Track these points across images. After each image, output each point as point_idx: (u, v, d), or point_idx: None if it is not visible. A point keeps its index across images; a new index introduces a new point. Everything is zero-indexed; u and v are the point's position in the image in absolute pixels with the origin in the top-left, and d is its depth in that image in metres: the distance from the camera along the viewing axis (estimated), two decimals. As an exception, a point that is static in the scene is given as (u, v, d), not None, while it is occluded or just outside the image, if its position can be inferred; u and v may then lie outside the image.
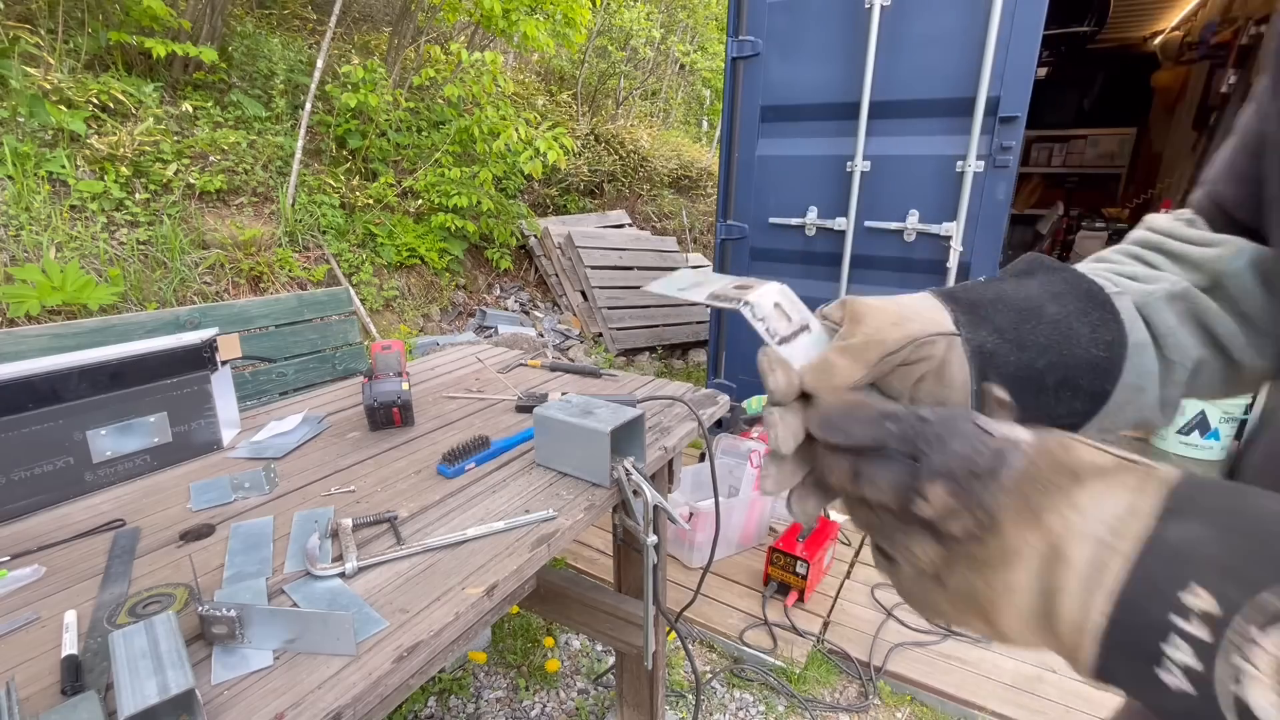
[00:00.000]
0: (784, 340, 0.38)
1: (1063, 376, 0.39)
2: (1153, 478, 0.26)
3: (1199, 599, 0.22)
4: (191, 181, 3.58)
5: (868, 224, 2.67)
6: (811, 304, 0.39)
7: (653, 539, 1.10)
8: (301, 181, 4.11)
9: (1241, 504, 0.24)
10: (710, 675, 1.90)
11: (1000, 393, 0.35)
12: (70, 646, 0.71)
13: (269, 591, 0.82)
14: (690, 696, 1.82)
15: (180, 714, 0.60)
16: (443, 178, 4.65)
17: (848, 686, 1.87)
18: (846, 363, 0.36)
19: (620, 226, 6.01)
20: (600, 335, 4.91)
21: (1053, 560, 0.26)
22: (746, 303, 0.37)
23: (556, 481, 1.13)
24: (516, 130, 4.42)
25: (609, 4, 7.23)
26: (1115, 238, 6.33)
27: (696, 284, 0.42)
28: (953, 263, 2.48)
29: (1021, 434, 0.29)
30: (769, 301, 0.38)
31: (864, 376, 0.36)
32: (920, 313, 0.38)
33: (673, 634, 1.90)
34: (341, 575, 0.84)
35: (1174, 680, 0.22)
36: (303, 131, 4.04)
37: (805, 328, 0.39)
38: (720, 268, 3.04)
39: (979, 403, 0.38)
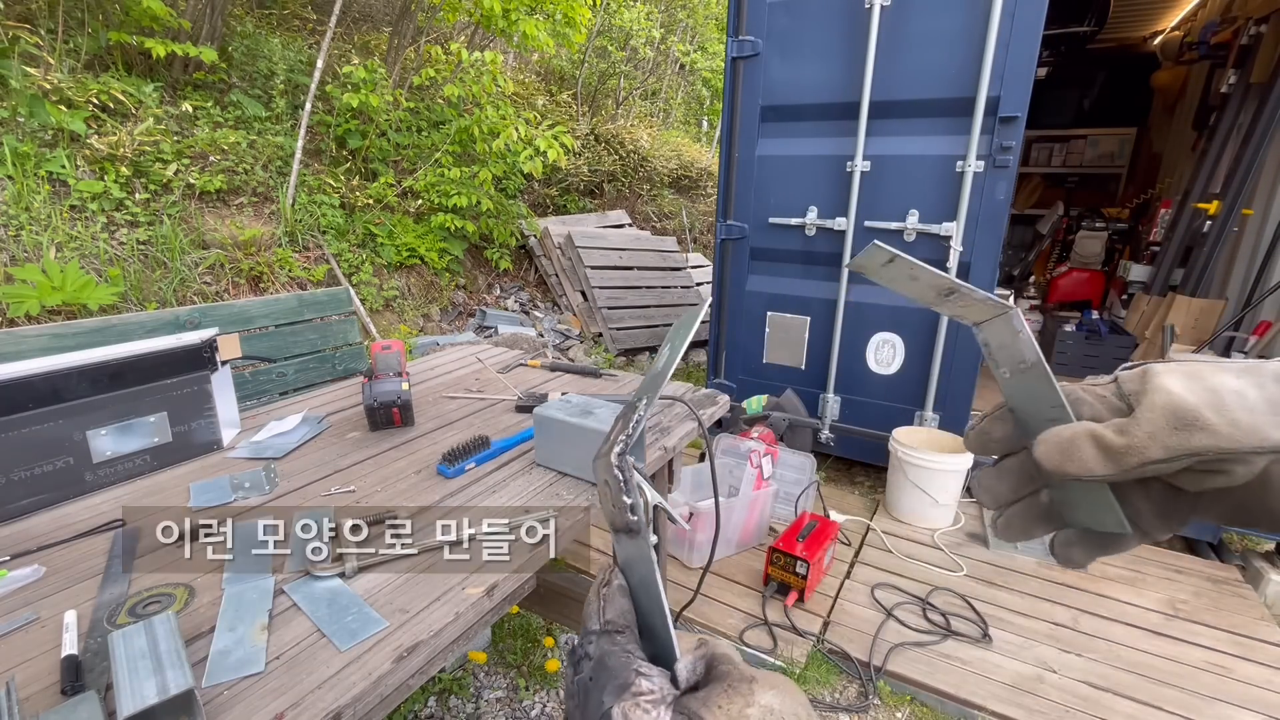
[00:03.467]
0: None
1: None
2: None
3: None
4: (191, 181, 3.58)
5: (867, 224, 2.67)
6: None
7: (653, 539, 1.10)
8: (301, 181, 4.11)
9: None
10: (710, 675, 1.90)
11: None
12: (70, 646, 0.71)
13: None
14: (690, 696, 1.82)
15: (180, 714, 0.60)
16: (443, 178, 4.65)
17: (848, 686, 1.87)
18: (1093, 455, 0.32)
19: (620, 226, 6.01)
20: (600, 335, 4.91)
21: None
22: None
23: (556, 481, 1.13)
24: (516, 130, 4.42)
25: (609, 4, 7.22)
26: (1115, 238, 6.32)
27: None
28: (953, 262, 2.49)
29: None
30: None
31: (1109, 475, 0.33)
32: (1235, 411, 0.30)
33: (673, 634, 1.90)
34: (341, 575, 0.84)
35: None
36: (303, 131, 4.04)
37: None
38: (720, 267, 3.04)
39: None
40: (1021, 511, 0.38)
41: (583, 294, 5.07)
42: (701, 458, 2.96)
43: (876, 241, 0.35)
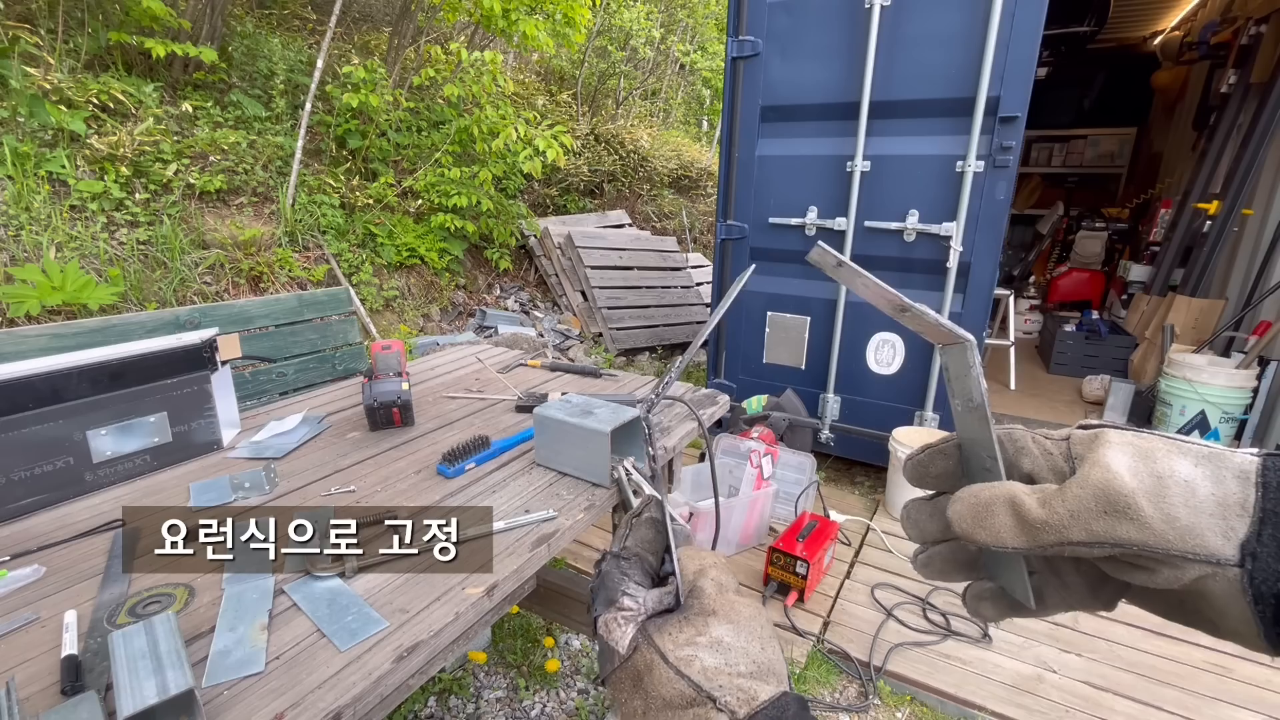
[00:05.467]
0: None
1: None
2: None
3: None
4: (191, 181, 3.58)
5: (867, 224, 2.67)
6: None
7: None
8: (301, 181, 4.11)
9: None
10: (710, 675, 1.90)
11: None
12: (70, 646, 0.71)
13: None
14: (690, 696, 1.82)
15: (180, 714, 0.60)
16: (443, 178, 4.65)
17: (848, 686, 1.87)
18: (1007, 525, 0.30)
19: (620, 226, 6.01)
20: (600, 335, 4.91)
21: None
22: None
23: (556, 481, 1.13)
24: (516, 129, 4.41)
25: (609, 4, 7.22)
26: (1115, 238, 6.32)
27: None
28: (953, 263, 2.49)
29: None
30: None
31: (1021, 549, 0.30)
32: (1175, 506, 0.27)
33: (673, 634, 1.90)
34: (341, 575, 0.84)
35: None
36: (303, 131, 4.04)
37: None
38: (720, 267, 3.04)
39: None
40: (945, 554, 0.36)
41: (583, 294, 5.07)
42: (701, 458, 2.96)
43: (821, 244, 0.34)
